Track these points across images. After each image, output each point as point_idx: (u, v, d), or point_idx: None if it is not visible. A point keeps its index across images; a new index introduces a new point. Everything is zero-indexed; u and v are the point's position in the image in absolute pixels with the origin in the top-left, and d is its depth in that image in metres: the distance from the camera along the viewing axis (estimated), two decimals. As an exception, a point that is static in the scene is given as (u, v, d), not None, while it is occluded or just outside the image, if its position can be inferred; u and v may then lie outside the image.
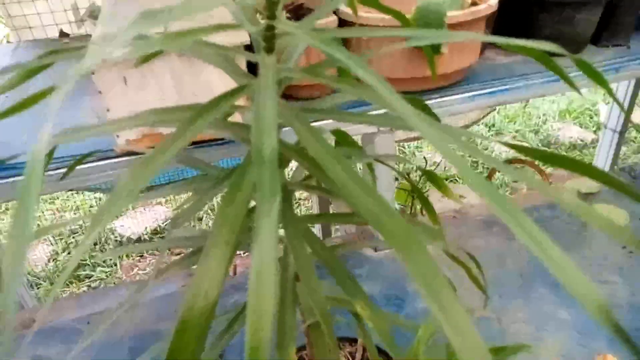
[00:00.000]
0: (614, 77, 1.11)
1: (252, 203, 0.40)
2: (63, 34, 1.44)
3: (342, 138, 0.54)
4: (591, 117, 3.04)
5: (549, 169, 2.62)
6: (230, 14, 0.34)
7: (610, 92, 0.44)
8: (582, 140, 2.84)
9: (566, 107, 3.11)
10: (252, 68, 0.39)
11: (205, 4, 0.25)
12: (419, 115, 0.28)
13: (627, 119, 1.73)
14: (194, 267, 0.55)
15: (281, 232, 0.46)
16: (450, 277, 0.55)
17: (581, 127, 2.97)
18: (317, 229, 1.63)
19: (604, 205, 1.31)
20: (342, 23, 0.92)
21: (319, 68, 0.40)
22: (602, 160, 1.74)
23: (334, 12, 0.91)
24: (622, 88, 1.60)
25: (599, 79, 0.42)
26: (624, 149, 2.59)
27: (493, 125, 2.96)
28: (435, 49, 0.88)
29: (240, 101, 0.59)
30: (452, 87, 1.02)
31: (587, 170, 0.36)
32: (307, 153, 0.36)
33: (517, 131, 2.94)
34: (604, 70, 1.10)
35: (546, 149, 2.56)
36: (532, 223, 0.26)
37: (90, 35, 1.38)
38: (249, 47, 0.63)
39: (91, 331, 0.45)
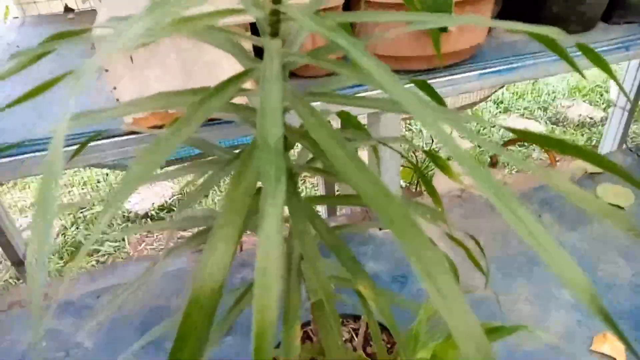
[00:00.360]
0: (625, 55, 1.10)
1: (259, 184, 0.41)
2: (68, 9, 1.44)
3: (347, 119, 0.54)
4: (601, 95, 3.00)
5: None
6: (236, -2, 0.34)
7: (613, 77, 0.44)
8: (591, 118, 2.82)
9: (576, 84, 3.08)
10: (259, 49, 0.39)
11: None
12: (418, 101, 0.28)
13: (637, 98, 1.71)
14: (202, 245, 0.57)
15: (286, 212, 0.47)
16: (452, 255, 0.56)
17: (591, 104, 2.94)
18: (322, 207, 1.64)
19: (609, 185, 1.31)
20: (347, 4, 0.91)
21: (324, 51, 0.40)
22: (610, 138, 1.73)
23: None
24: (634, 65, 1.58)
25: (601, 64, 0.42)
26: (633, 127, 2.57)
27: (501, 102, 2.93)
28: (443, 28, 0.87)
29: (247, 84, 0.59)
30: (460, 65, 1.01)
31: (588, 155, 0.37)
32: (311, 137, 0.36)
33: (525, 108, 2.92)
34: (614, 48, 1.08)
35: (547, 134, 2.54)
36: (526, 211, 0.27)
37: (94, 10, 1.37)
38: (254, 27, 0.63)
39: (102, 308, 0.47)
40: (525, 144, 2.38)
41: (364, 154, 1.69)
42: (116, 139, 0.87)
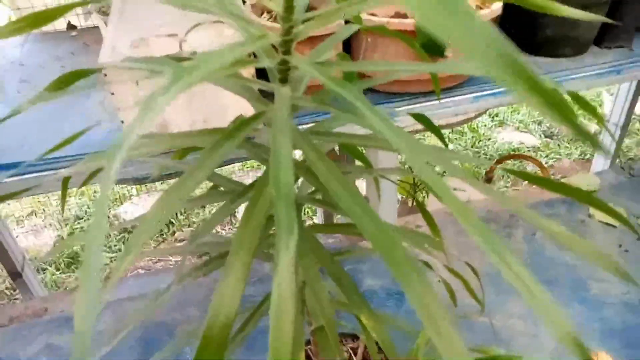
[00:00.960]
0: (616, 78, 1.13)
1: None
2: (71, 26, 1.46)
3: (350, 150, 0.56)
4: (595, 110, 3.04)
5: (552, 161, 2.65)
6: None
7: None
8: (584, 132, 2.86)
9: (569, 98, 3.12)
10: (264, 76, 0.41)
11: (229, 55, 0.27)
12: (411, 147, 0.30)
13: (629, 114, 1.74)
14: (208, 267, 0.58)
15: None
16: (450, 276, 0.58)
17: (585, 118, 2.98)
18: (319, 214, 1.65)
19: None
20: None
21: (329, 93, 0.42)
22: (607, 141, 1.74)
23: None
24: (624, 85, 1.61)
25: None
26: (627, 141, 2.61)
27: (497, 115, 2.97)
28: (440, 52, 0.90)
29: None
30: (457, 87, 1.04)
31: (574, 193, 0.39)
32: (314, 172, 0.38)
33: (520, 121, 2.95)
34: (606, 72, 1.11)
35: (532, 172, 2.56)
36: (510, 254, 0.29)
37: (97, 28, 1.39)
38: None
39: (104, 324, 0.48)
40: (517, 160, 2.39)
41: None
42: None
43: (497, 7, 0.93)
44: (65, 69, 1.19)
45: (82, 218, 2.37)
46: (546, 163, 2.63)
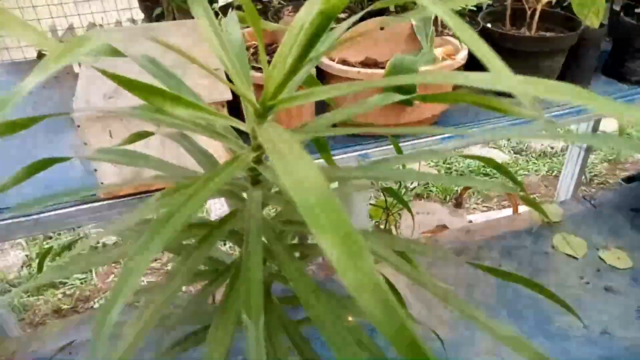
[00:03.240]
0: (576, 118, 1.19)
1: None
2: (41, 55, 1.44)
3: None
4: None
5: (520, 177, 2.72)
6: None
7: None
8: (552, 148, 2.96)
9: (536, 118, 3.21)
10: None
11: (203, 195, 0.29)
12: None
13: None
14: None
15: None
16: (420, 306, 0.60)
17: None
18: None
19: (565, 234, 1.39)
20: (320, 71, 0.97)
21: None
22: (569, 172, 1.80)
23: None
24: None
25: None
26: (592, 157, 2.70)
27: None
28: (408, 102, 0.93)
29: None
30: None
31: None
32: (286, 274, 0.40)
33: (489, 140, 3.02)
34: (564, 114, 1.17)
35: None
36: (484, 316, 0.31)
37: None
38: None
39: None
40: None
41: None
42: (92, 204, 0.89)
43: (461, 57, 0.97)
44: (37, 106, 1.18)
45: (51, 237, 2.32)
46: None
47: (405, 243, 0.58)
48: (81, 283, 2.13)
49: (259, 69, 0.96)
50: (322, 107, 0.97)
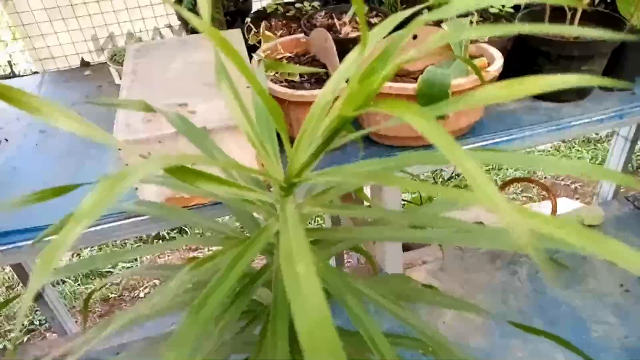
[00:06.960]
0: (618, 123, 1.14)
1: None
2: (84, 63, 1.50)
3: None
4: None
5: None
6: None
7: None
8: (596, 134, 2.85)
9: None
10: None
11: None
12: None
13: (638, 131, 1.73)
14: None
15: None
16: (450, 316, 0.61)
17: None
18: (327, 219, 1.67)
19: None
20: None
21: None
22: (614, 164, 1.73)
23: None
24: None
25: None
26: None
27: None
28: (440, 115, 0.92)
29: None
30: (460, 139, 1.06)
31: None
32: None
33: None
34: (608, 117, 1.13)
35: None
36: None
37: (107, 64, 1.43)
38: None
39: None
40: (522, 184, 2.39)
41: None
42: (133, 219, 0.94)
43: (496, 68, 0.95)
44: (82, 115, 1.23)
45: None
46: (546, 178, 2.63)
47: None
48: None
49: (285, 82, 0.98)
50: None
